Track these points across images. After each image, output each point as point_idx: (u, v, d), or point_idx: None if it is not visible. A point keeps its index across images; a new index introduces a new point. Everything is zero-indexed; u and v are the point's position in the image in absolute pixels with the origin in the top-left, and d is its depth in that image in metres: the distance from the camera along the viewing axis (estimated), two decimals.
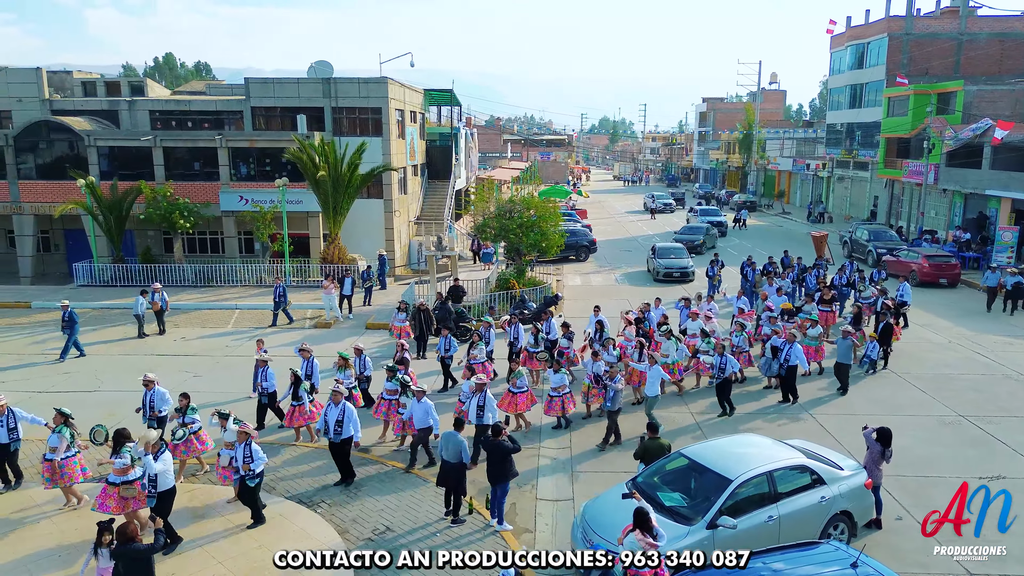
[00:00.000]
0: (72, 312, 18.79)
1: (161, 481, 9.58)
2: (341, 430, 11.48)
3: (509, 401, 13.85)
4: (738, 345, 16.71)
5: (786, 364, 15.45)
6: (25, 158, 29.25)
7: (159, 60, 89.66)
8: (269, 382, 13.97)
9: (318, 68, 31.90)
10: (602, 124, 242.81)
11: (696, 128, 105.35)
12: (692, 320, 17.91)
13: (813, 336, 17.20)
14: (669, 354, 15.84)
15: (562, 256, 31.74)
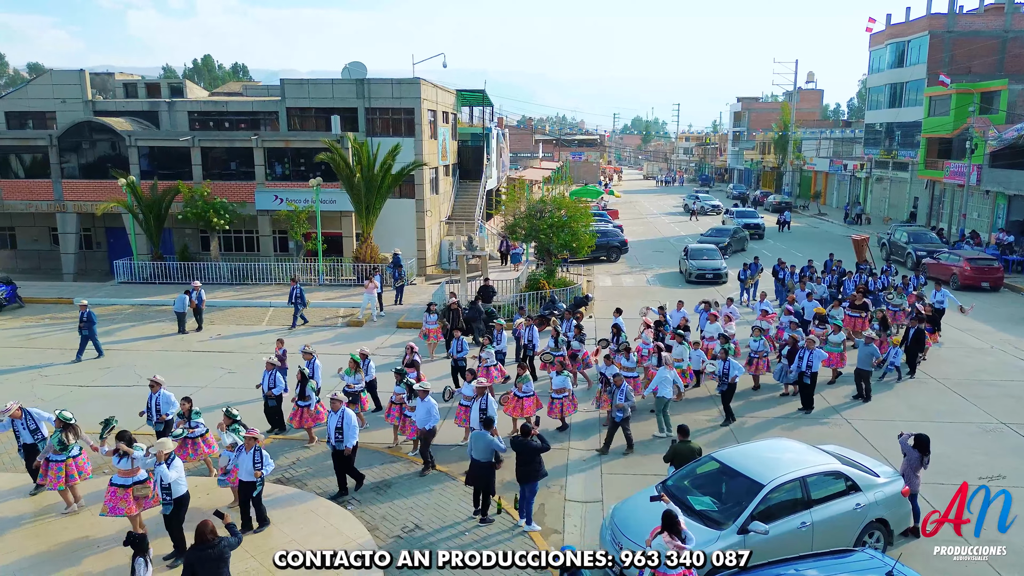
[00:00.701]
0: (91, 312, 18.80)
1: (175, 488, 9.51)
2: (342, 437, 11.28)
3: (515, 405, 13.54)
4: (757, 350, 16.23)
5: (809, 371, 14.96)
6: (68, 157, 30.03)
7: (198, 62, 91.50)
8: (278, 386, 13.75)
9: (352, 69, 32.21)
10: (635, 124, 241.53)
11: (730, 128, 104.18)
12: (711, 323, 17.59)
13: (836, 342, 16.76)
14: (682, 359, 15.54)
15: (593, 256, 31.62)
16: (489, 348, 15.65)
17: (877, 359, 15.80)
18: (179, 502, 9.55)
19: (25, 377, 17.36)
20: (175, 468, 9.54)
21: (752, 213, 47.69)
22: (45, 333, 21.41)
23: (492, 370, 15.44)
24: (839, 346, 16.80)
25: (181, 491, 9.58)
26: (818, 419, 14.92)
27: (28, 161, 30.35)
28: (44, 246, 32.30)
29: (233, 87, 44.78)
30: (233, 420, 11.26)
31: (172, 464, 9.52)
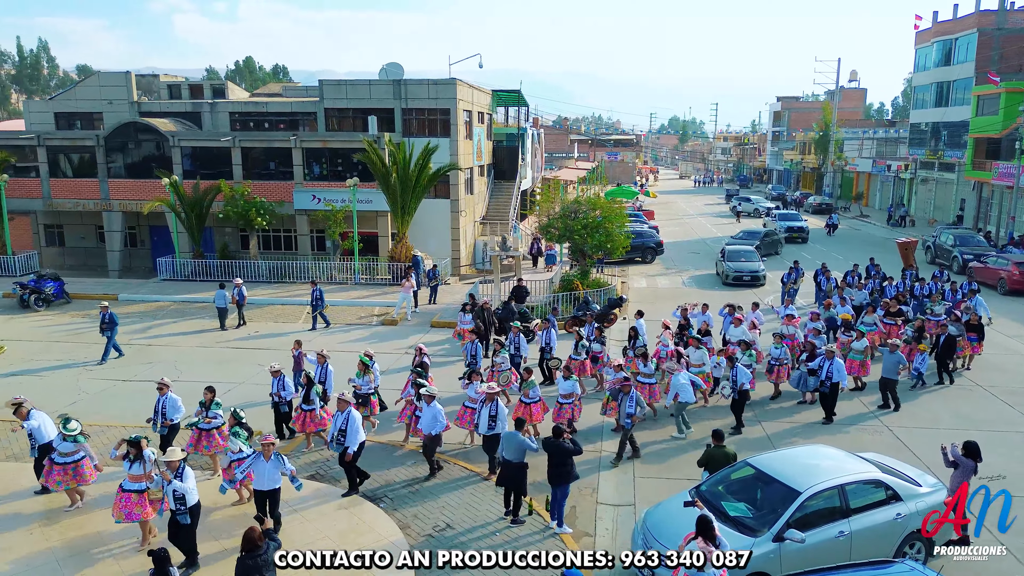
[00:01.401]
0: (112, 314, 18.74)
1: (189, 498, 9.32)
2: (344, 440, 11.17)
3: (523, 411, 13.22)
4: (777, 358, 15.69)
5: (828, 381, 14.41)
6: (115, 157, 30.84)
7: (240, 63, 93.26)
8: (288, 391, 13.45)
9: (389, 70, 32.49)
10: (671, 124, 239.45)
11: (770, 128, 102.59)
12: (735, 327, 17.12)
13: (858, 350, 16.24)
14: (703, 363, 15.21)
15: (628, 258, 31.35)
16: (503, 352, 15.40)
17: (903, 367, 15.28)
18: (192, 511, 9.39)
19: (71, 371, 17.86)
20: (187, 478, 9.36)
21: (795, 216, 45.63)
22: (90, 328, 21.96)
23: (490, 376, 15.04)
24: (861, 354, 16.23)
25: (194, 500, 9.41)
26: (858, 426, 14.59)
27: (76, 161, 31.26)
28: (91, 243, 33.23)
29: (273, 88, 45.54)
30: (238, 422, 11.16)
31: (184, 474, 9.35)
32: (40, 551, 9.96)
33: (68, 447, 10.83)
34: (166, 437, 12.37)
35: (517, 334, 16.55)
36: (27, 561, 9.72)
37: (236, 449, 10.83)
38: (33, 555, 9.89)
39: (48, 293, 24.41)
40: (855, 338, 16.41)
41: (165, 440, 12.34)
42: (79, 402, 15.62)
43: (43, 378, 17.29)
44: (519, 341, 16.46)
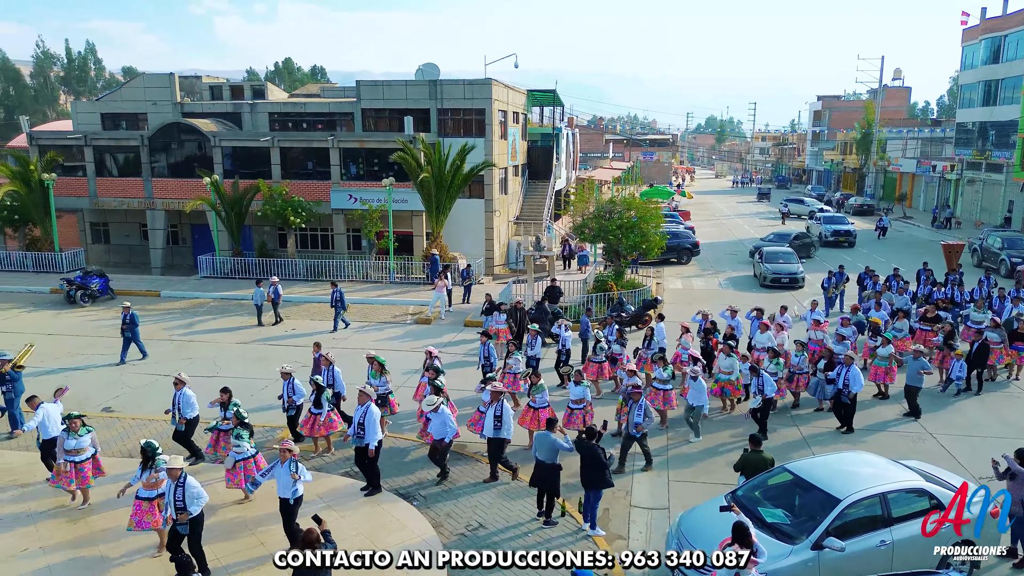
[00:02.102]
0: (133, 314, 18.56)
1: (191, 507, 9.04)
2: (363, 433, 11.06)
3: (531, 417, 13.01)
4: (797, 365, 15.19)
5: (846, 390, 13.96)
6: (158, 157, 31.55)
7: (279, 64, 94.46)
8: (298, 394, 13.20)
9: (425, 70, 32.68)
10: (708, 123, 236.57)
11: (809, 127, 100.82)
12: (761, 332, 16.65)
13: (883, 356, 15.75)
14: (732, 370, 14.80)
15: (663, 258, 31.08)
16: (516, 355, 15.16)
17: (925, 371, 14.77)
18: (195, 521, 9.08)
19: (115, 366, 18.29)
20: (189, 486, 9.04)
21: (841, 219, 43.00)
22: None
23: (519, 377, 14.91)
24: (885, 360, 15.73)
25: (202, 505, 9.13)
26: (898, 433, 14.23)
27: (121, 160, 32.06)
28: (134, 241, 34.05)
29: (311, 89, 46.11)
30: (240, 421, 11.02)
31: (186, 482, 9.04)
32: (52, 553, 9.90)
33: (71, 444, 10.79)
34: (183, 433, 12.44)
35: (535, 336, 16.32)
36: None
37: (243, 449, 10.85)
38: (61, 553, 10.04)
39: (94, 289, 25.05)
40: (880, 344, 15.92)
41: (182, 436, 12.45)
42: (122, 396, 16.02)
43: (88, 372, 17.75)
44: (535, 344, 16.24)
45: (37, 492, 11.57)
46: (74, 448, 10.83)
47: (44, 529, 10.50)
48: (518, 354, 15.28)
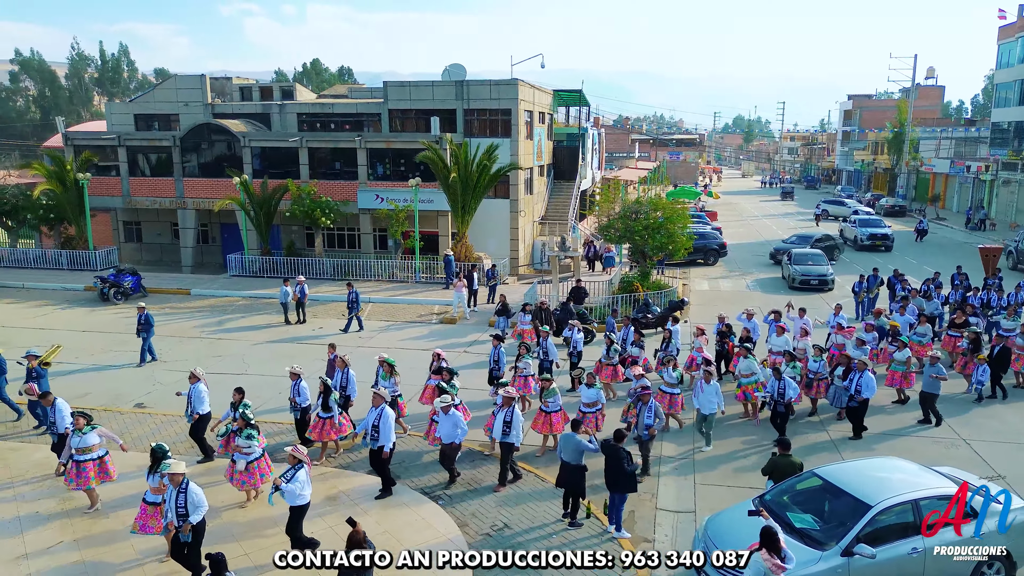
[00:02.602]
0: (148, 315, 18.47)
1: (192, 514, 8.84)
2: (378, 435, 10.93)
3: (544, 421, 12.89)
4: (816, 371, 14.78)
5: (858, 395, 13.60)
6: (189, 157, 32.06)
7: (307, 65, 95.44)
8: (302, 397, 12.94)
9: (452, 71, 32.79)
10: (736, 123, 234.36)
11: (839, 127, 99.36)
12: (778, 335, 16.29)
13: (899, 360, 15.41)
14: (753, 372, 14.51)
15: (689, 259, 30.82)
16: (527, 358, 14.92)
17: (940, 376, 14.38)
18: (196, 530, 8.92)
19: (146, 363, 18.61)
20: (192, 492, 8.86)
21: (877, 221, 40.98)
22: (166, 321, 22.90)
23: (530, 380, 14.73)
24: (903, 365, 15.38)
25: (202, 513, 8.96)
26: (932, 439, 13.97)
27: (154, 160, 32.63)
28: (166, 240, 34.63)
29: (339, 90, 46.50)
30: (247, 423, 10.86)
31: (188, 488, 8.86)
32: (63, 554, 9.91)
33: (76, 441, 10.74)
34: (196, 428, 12.54)
35: (546, 338, 16.10)
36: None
37: (254, 450, 10.75)
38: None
39: (126, 287, 25.53)
40: (897, 348, 15.60)
41: (195, 431, 12.55)
42: (153, 392, 16.30)
43: (121, 369, 18.08)
44: (547, 346, 16.08)
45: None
46: (79, 447, 10.75)
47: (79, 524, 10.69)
48: (529, 357, 15.05)
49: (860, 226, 39.68)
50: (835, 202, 56.50)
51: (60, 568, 9.57)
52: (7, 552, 9.85)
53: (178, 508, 8.80)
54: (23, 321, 22.61)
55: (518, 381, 14.49)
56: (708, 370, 13.48)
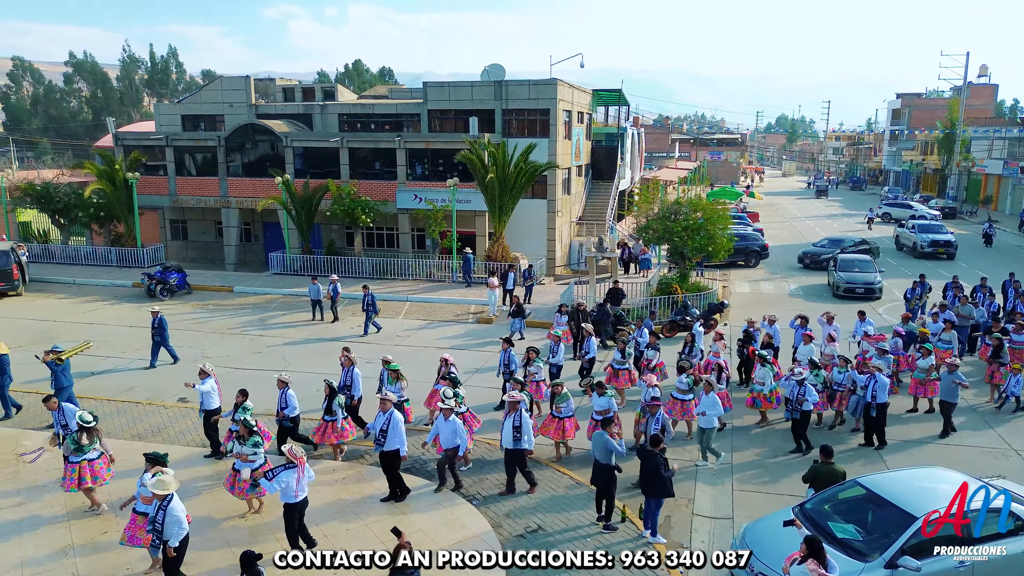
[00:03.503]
0: (162, 319, 18.06)
1: (170, 531, 8.45)
2: (385, 440, 10.79)
3: (556, 427, 12.67)
4: (839, 382, 14.26)
5: (874, 403, 13.21)
6: (233, 157, 32.71)
7: (349, 67, 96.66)
8: (290, 406, 12.62)
9: (491, 71, 32.85)
10: (779, 122, 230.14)
11: (887, 126, 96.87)
12: (804, 344, 15.83)
13: (922, 367, 14.90)
14: (765, 382, 14.13)
15: (730, 261, 30.32)
16: (537, 362, 14.56)
17: (960, 383, 13.88)
18: (176, 549, 8.52)
19: (190, 359, 19.02)
20: (172, 511, 8.47)
21: (938, 227, 37.45)
22: (209, 318, 23.41)
23: (541, 385, 14.47)
24: (924, 372, 14.86)
25: (181, 535, 8.53)
26: (981, 449, 13.51)
27: (199, 160, 33.37)
28: (210, 238, 35.40)
29: (379, 90, 46.99)
30: (250, 431, 10.59)
31: (170, 504, 8.49)
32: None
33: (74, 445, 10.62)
34: (206, 426, 12.71)
35: (557, 343, 15.77)
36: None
37: (260, 458, 10.45)
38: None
39: (172, 284, 26.14)
40: (921, 355, 15.09)
41: (205, 425, 12.70)
42: (196, 387, 16.61)
43: (163, 364, 18.49)
44: (588, 346, 15.89)
45: (117, 474, 12.12)
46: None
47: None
48: (539, 361, 14.67)
49: (920, 232, 36.49)
50: (898, 204, 53.93)
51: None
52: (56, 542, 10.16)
53: (156, 524, 8.48)
54: (73, 316, 23.32)
55: (529, 387, 14.08)
56: (709, 380, 13.01)
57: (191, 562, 9.14)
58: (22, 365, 16.18)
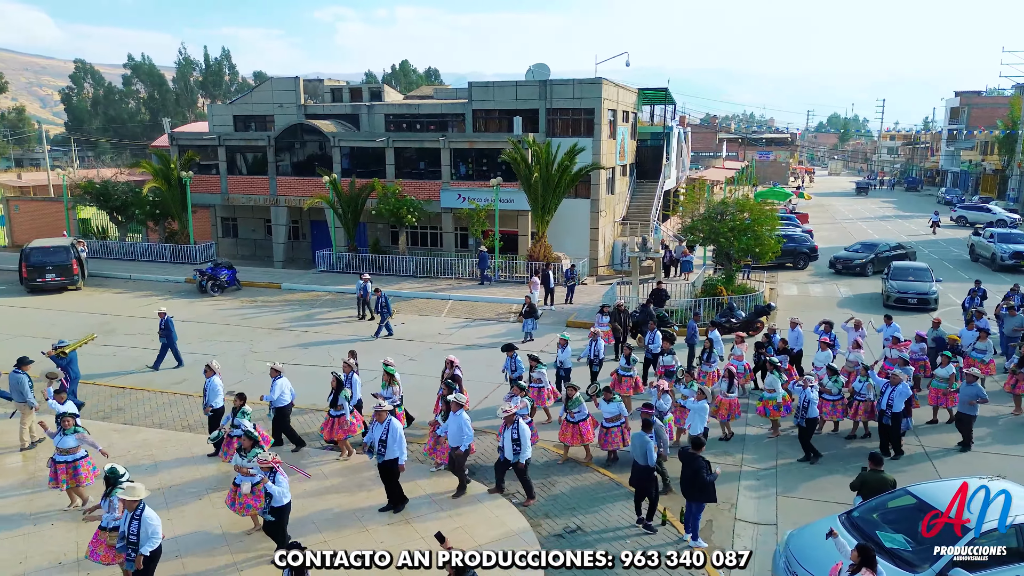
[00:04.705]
0: (169, 320, 17.68)
1: (145, 542, 8.04)
2: (384, 450, 10.56)
3: (572, 432, 12.38)
4: (860, 392, 13.65)
5: (889, 411, 12.75)
6: (282, 156, 33.38)
7: (396, 67, 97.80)
8: (275, 395, 12.63)
9: (536, 71, 32.84)
10: (831, 121, 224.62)
11: (945, 125, 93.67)
12: (822, 350, 15.38)
13: (942, 377, 14.30)
14: (775, 389, 13.70)
15: (778, 263, 29.70)
16: (540, 367, 14.28)
17: (980, 400, 13.24)
18: (148, 559, 8.12)
19: (239, 353, 19.51)
20: (147, 520, 8.08)
21: (1020, 236, 33.88)
22: (257, 314, 23.95)
23: (544, 391, 14.22)
24: (945, 382, 14.27)
25: (154, 545, 8.11)
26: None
27: (250, 159, 34.15)
28: (259, 235, 36.20)
29: (425, 91, 47.40)
30: (254, 442, 10.05)
31: (143, 512, 8.10)
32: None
33: (68, 442, 10.59)
34: (212, 421, 12.69)
35: (564, 346, 15.33)
36: None
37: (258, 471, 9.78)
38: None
39: (222, 280, 26.82)
40: (940, 364, 14.51)
41: (211, 424, 12.73)
42: (244, 381, 17.00)
43: (214, 358, 18.88)
44: (564, 354, 15.43)
45: (168, 464, 12.53)
46: (59, 446, 10.60)
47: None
48: (541, 367, 14.37)
49: (1000, 241, 32.77)
50: (975, 207, 50.47)
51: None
52: None
53: (129, 536, 8.07)
54: (129, 310, 24.11)
55: (532, 392, 13.75)
56: (702, 388, 12.56)
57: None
58: (86, 358, 16.75)
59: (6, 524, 10.56)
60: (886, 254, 31.29)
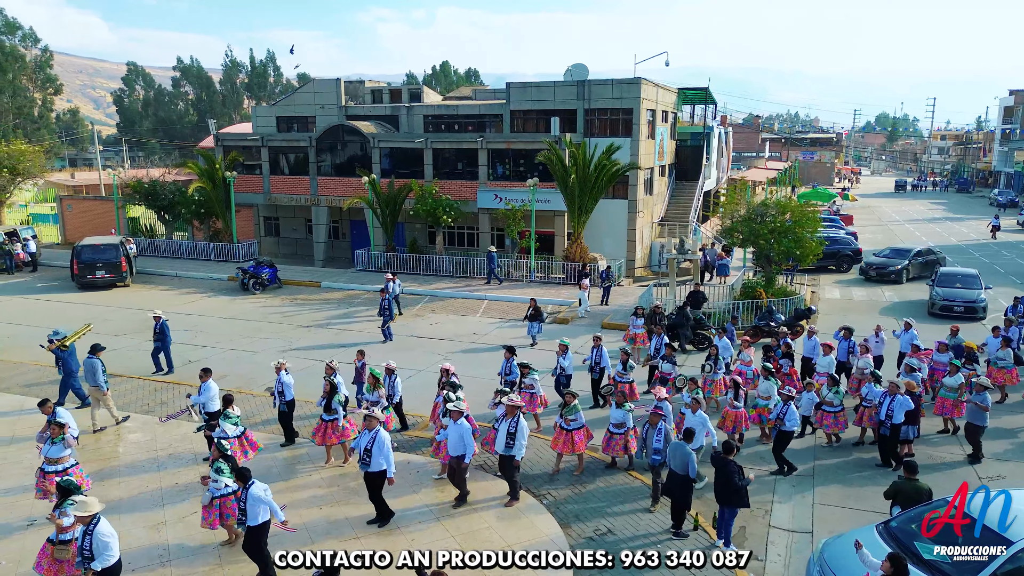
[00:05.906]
0: (164, 323, 17.34)
1: (101, 557, 7.81)
2: (370, 460, 10.11)
3: (564, 439, 12.03)
4: (867, 398, 13.35)
5: (888, 421, 12.42)
6: (324, 157, 33.92)
7: (436, 68, 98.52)
8: (287, 392, 12.73)
9: (574, 71, 32.77)
10: (879, 121, 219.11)
11: (998, 125, 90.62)
12: (824, 355, 15.03)
13: (951, 387, 13.81)
14: (770, 395, 13.31)
15: (820, 265, 29.08)
16: (533, 373, 14.07)
17: (983, 406, 12.77)
18: (108, 571, 7.89)
19: (278, 350, 19.88)
20: (99, 535, 7.82)
21: None
22: (297, 312, 24.38)
23: (536, 398, 13.98)
24: (954, 392, 13.80)
25: (109, 562, 7.84)
26: None
27: (292, 160, 34.78)
28: (300, 235, 36.84)
29: (464, 91, 47.65)
30: (222, 454, 9.76)
31: (96, 527, 7.86)
32: None
33: (56, 452, 10.49)
34: (209, 426, 12.17)
35: (565, 352, 14.91)
36: None
37: (221, 485, 9.49)
38: None
39: (264, 278, 27.37)
40: (949, 372, 14.04)
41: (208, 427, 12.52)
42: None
43: (255, 354, 19.39)
44: (565, 360, 15.05)
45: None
46: (47, 456, 10.50)
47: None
48: (536, 372, 14.15)
49: None
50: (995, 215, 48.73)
51: None
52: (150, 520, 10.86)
53: (84, 551, 7.85)
54: (174, 306, 24.75)
55: (523, 397, 13.43)
56: (696, 398, 12.16)
57: None
58: (125, 352, 17.29)
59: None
60: (916, 259, 30.35)
